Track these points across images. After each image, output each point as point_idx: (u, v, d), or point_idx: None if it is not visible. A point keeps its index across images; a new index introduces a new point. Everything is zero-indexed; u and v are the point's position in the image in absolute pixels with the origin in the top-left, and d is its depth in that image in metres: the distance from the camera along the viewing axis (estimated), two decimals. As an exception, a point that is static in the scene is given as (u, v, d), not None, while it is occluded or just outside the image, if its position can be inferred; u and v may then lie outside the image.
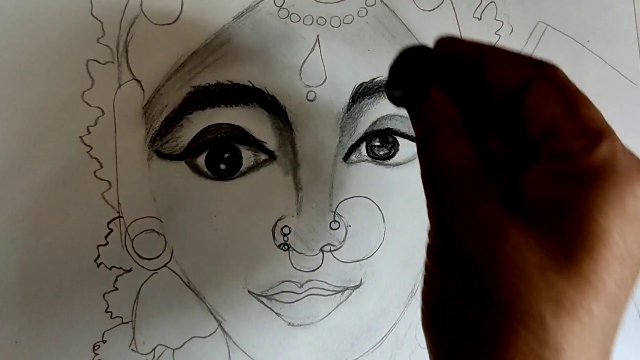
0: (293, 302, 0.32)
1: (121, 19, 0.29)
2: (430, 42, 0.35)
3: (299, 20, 0.32)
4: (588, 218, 0.19)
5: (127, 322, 0.30)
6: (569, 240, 0.19)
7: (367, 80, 0.33)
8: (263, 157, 0.31)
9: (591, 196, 0.19)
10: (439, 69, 0.23)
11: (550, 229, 0.19)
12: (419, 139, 0.23)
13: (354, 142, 0.33)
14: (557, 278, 0.19)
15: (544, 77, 0.21)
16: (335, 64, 0.32)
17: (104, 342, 0.30)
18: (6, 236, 0.28)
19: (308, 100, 0.32)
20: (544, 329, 0.18)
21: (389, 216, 0.34)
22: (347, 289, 0.33)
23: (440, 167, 0.21)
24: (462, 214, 0.20)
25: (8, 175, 0.28)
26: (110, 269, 0.30)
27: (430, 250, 0.21)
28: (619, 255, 0.19)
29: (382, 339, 0.34)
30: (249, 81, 0.31)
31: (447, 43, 0.23)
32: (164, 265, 0.31)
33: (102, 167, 0.29)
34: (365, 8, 0.33)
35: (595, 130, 0.19)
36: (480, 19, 0.35)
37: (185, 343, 0.31)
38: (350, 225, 0.33)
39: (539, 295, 0.19)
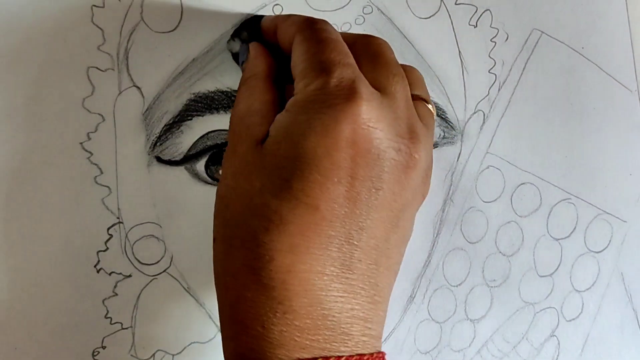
0: (292, 307, 0.32)
1: (121, 27, 0.30)
2: (427, 49, 0.35)
3: (297, 27, 0.32)
4: (296, 144, 0.21)
5: (126, 328, 0.30)
6: (283, 164, 0.21)
7: (364, 86, 0.33)
8: (262, 162, 0.31)
9: (298, 125, 0.21)
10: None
11: (272, 156, 0.22)
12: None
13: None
14: (272, 199, 0.21)
15: (300, 33, 0.24)
16: (333, 70, 0.32)
17: (104, 348, 0.30)
18: (6, 241, 0.28)
19: (306, 106, 0.32)
20: (256, 243, 0.21)
21: (388, 221, 0.34)
22: (346, 294, 0.33)
23: (233, 112, 0.25)
24: (230, 150, 0.24)
25: (8, 181, 0.28)
26: (110, 274, 0.30)
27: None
28: (330, 175, 0.21)
29: (382, 344, 0.34)
30: (248, 88, 0.31)
31: (267, 17, 0.28)
32: (164, 271, 0.31)
33: (102, 173, 0.30)
34: (362, 16, 0.33)
35: (315, 70, 0.22)
36: (476, 26, 0.36)
37: (185, 348, 0.31)
38: (349, 231, 0.33)
39: (254, 214, 0.21)
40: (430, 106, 0.26)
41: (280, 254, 0.20)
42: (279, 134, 0.22)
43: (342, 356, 0.21)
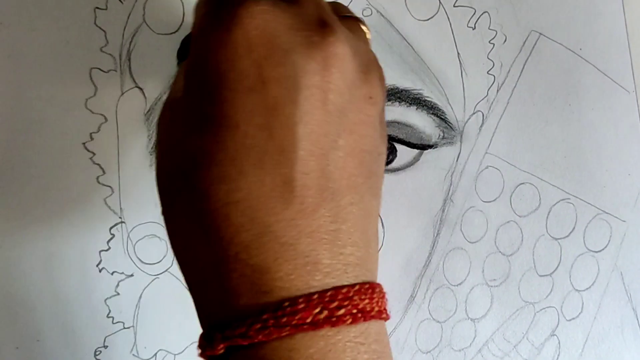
0: (293, 307, 0.32)
1: (124, 29, 0.30)
2: (426, 51, 0.36)
3: (298, 29, 0.32)
4: (202, 70, 0.19)
5: (128, 327, 0.30)
6: (196, 98, 0.20)
7: (364, 87, 0.33)
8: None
9: (198, 54, 0.20)
10: None
11: (186, 97, 0.20)
12: None
13: (353, 148, 0.33)
14: (194, 135, 0.19)
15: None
16: (334, 71, 0.33)
17: (106, 347, 0.30)
18: (8, 241, 0.29)
19: (307, 107, 0.32)
20: (190, 187, 0.19)
21: (388, 221, 0.34)
22: (347, 293, 0.33)
23: None
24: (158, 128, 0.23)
25: (11, 181, 0.28)
26: (112, 274, 0.30)
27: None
28: (239, 87, 0.19)
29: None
30: (249, 88, 0.31)
31: None
32: (166, 270, 0.31)
33: (104, 173, 0.30)
34: (362, 18, 0.34)
35: (202, 8, 0.21)
36: (474, 28, 0.36)
37: (186, 348, 0.31)
38: (349, 230, 0.33)
39: (183, 159, 0.19)
40: (364, 27, 0.24)
41: (213, 188, 0.19)
42: (187, 72, 0.20)
43: (314, 294, 0.18)
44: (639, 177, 0.41)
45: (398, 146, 0.34)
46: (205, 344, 0.19)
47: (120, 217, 0.30)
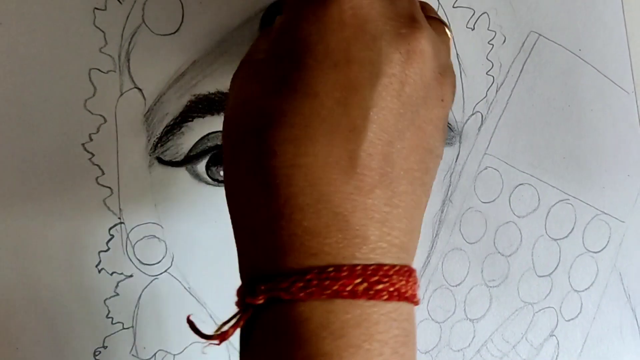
0: (293, 307, 0.32)
1: (123, 29, 0.30)
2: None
3: (297, 30, 0.32)
4: (291, 38, 0.20)
5: (128, 328, 0.30)
6: (281, 62, 0.21)
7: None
8: (262, 163, 0.32)
9: (290, 20, 0.21)
10: None
11: (271, 58, 0.21)
12: None
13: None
14: (273, 96, 0.20)
15: None
16: (333, 72, 0.33)
17: (105, 347, 0.30)
18: (7, 242, 0.29)
19: (306, 107, 0.32)
20: (258, 143, 0.20)
21: (387, 222, 0.34)
22: (346, 294, 0.33)
23: None
24: (235, 74, 0.23)
25: (10, 181, 0.28)
26: (111, 274, 0.30)
27: None
28: (325, 60, 0.20)
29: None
30: (248, 89, 0.31)
31: None
32: (165, 271, 0.31)
33: (103, 173, 0.30)
34: (361, 19, 0.34)
35: None
36: (473, 29, 0.36)
37: (185, 349, 0.31)
38: (348, 231, 0.33)
39: (257, 116, 0.20)
40: (448, 31, 0.25)
41: (282, 147, 0.19)
42: (275, 37, 0.21)
43: (357, 265, 0.19)
44: (638, 178, 0.41)
45: (397, 147, 0.34)
46: (246, 292, 0.20)
47: (119, 218, 0.30)
